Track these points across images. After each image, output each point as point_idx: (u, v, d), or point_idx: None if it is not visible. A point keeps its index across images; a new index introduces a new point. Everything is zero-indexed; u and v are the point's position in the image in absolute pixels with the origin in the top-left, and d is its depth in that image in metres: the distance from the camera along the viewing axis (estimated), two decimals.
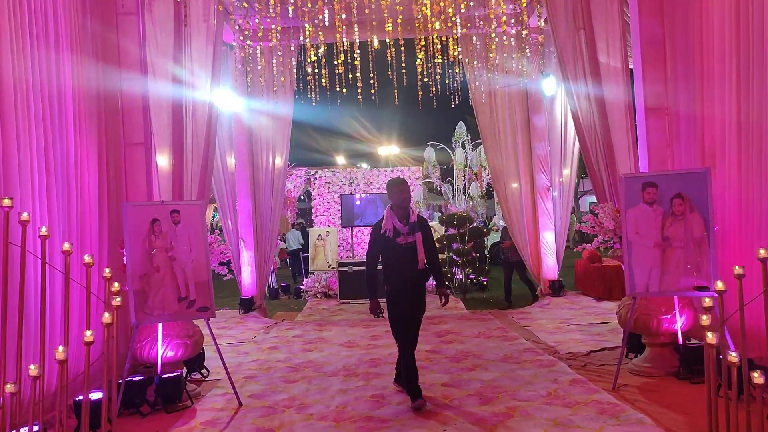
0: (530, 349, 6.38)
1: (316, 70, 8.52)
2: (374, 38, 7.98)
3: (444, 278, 5.17)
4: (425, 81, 8.78)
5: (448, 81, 9.53)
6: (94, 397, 4.09)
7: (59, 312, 4.26)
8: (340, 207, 12.84)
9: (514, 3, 8.58)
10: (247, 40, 8.54)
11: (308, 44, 8.09)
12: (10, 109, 4.01)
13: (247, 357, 6.64)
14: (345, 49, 7.97)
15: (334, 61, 8.28)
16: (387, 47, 8.50)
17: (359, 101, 8.81)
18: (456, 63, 9.43)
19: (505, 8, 8.57)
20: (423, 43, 8.34)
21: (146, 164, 5.69)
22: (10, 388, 2.89)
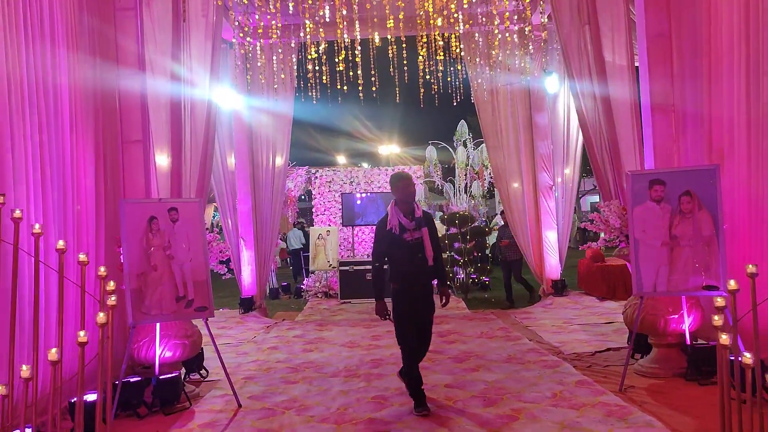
0: (534, 350, 6.29)
1: (316, 68, 8.43)
2: (375, 35, 7.89)
3: (447, 277, 5.03)
4: (427, 78, 8.70)
5: (450, 79, 9.45)
6: (90, 398, 4.01)
7: (55, 312, 4.17)
8: (340, 206, 12.76)
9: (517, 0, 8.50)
10: (247, 37, 8.46)
11: (309, 41, 8.01)
12: (4, 105, 3.91)
13: (247, 357, 6.55)
14: (346, 45, 7.88)
15: (335, 58, 8.19)
16: (388, 44, 8.42)
17: (360, 99, 8.72)
18: (458, 60, 9.35)
19: (508, 4, 8.47)
20: (425, 40, 8.25)
21: (144, 162, 5.60)
22: (1, 390, 2.80)
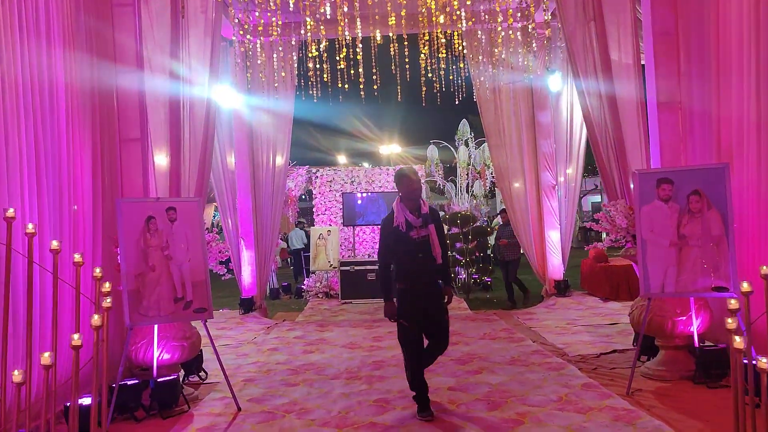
0: (538, 351, 6.19)
1: (317, 66, 8.34)
2: (377, 33, 7.80)
3: (451, 276, 4.87)
4: (429, 77, 8.61)
5: (452, 77, 9.36)
6: (85, 402, 3.93)
7: (50, 314, 4.08)
8: (341, 206, 12.68)
9: None
10: (246, 35, 8.37)
11: (309, 39, 7.91)
12: None
13: (247, 359, 6.46)
14: (347, 43, 7.79)
15: (336, 56, 8.11)
16: (390, 42, 8.33)
17: (361, 98, 8.63)
18: (460, 58, 9.26)
19: (511, 2, 8.38)
20: (427, 38, 8.16)
21: (143, 161, 5.52)
22: None
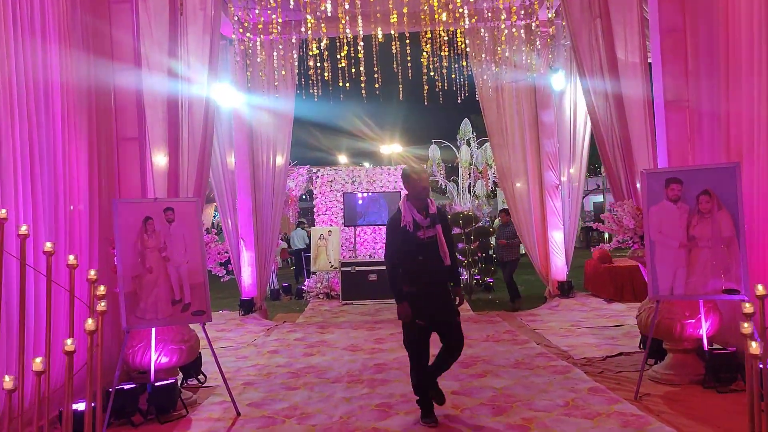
0: (543, 354, 6.09)
1: (318, 64, 8.25)
2: (378, 31, 7.70)
3: (459, 278, 4.69)
4: (431, 75, 8.51)
5: (454, 76, 9.26)
6: (81, 408, 3.83)
7: (45, 318, 3.98)
8: (342, 206, 12.58)
9: None
10: (246, 33, 8.27)
11: (310, 37, 7.82)
12: None
13: (247, 361, 6.37)
14: (348, 41, 7.69)
15: (337, 54, 8.01)
16: (392, 40, 8.23)
17: (362, 97, 8.54)
18: (462, 57, 9.16)
19: None
20: (429, 36, 8.06)
21: (140, 160, 5.41)
22: None
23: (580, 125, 9.39)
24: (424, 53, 8.18)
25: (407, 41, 8.06)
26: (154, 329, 4.70)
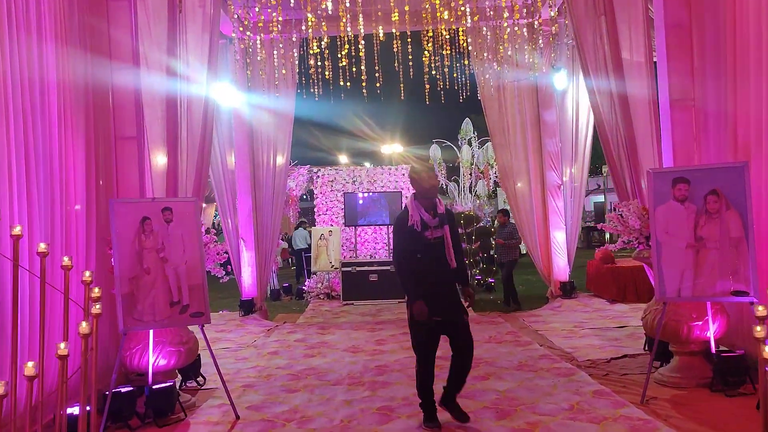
0: (546, 356, 6.01)
1: (318, 63, 8.17)
2: (379, 29, 7.63)
3: (467, 278, 4.58)
4: (432, 74, 8.43)
5: (455, 75, 9.18)
6: (76, 412, 3.76)
7: (39, 321, 3.91)
8: (343, 206, 12.51)
9: None
10: (246, 32, 8.20)
11: (310, 36, 7.75)
12: None
13: (246, 363, 6.29)
14: (349, 40, 7.62)
15: (338, 53, 7.94)
16: (393, 39, 8.16)
17: (363, 96, 8.46)
18: (464, 56, 9.09)
19: None
20: (430, 35, 7.98)
21: (139, 160, 5.35)
22: None
23: (582, 125, 9.30)
24: (426, 52, 8.11)
25: (408, 40, 7.99)
26: (151, 331, 4.63)
